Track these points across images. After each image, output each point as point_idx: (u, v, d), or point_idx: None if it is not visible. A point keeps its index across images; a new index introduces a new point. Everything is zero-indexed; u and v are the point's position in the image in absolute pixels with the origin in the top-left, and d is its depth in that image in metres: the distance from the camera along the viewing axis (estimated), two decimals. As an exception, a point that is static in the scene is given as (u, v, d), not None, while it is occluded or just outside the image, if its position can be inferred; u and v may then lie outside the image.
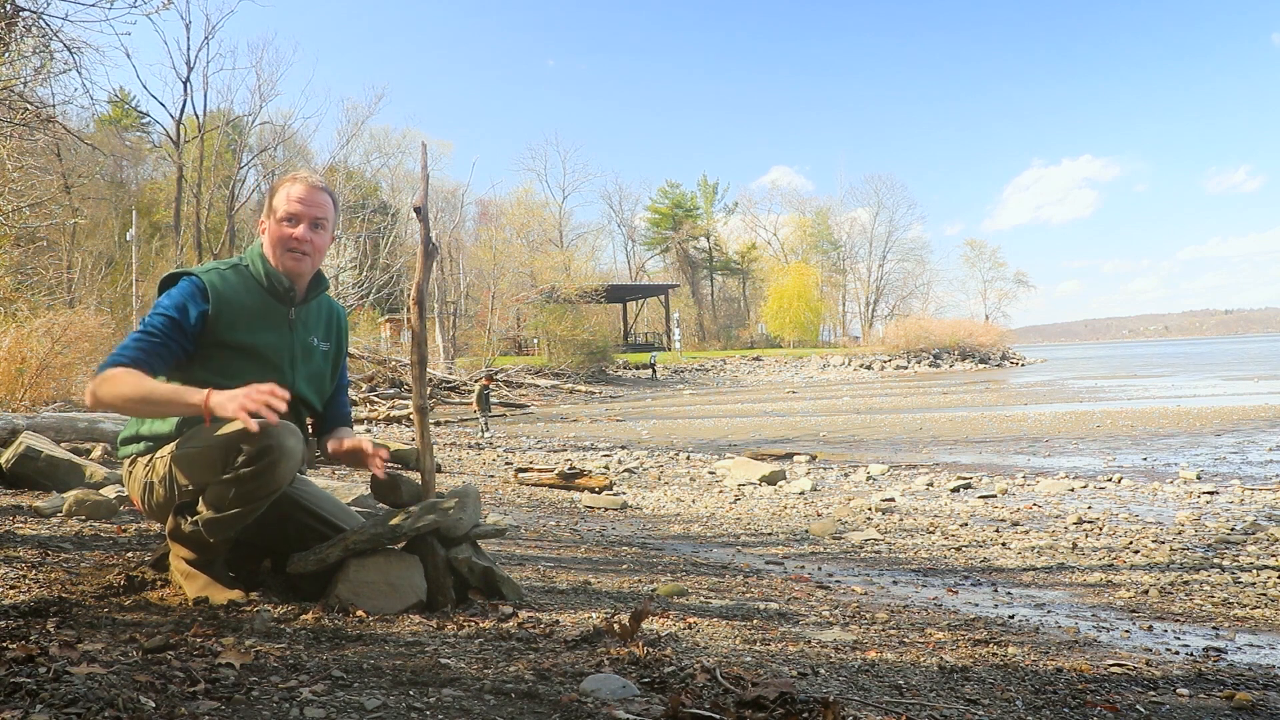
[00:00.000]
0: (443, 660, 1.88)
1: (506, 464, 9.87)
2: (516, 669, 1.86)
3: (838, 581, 3.86)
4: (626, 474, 9.03)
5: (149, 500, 2.34)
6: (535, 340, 44.57)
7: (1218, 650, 2.69)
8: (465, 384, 28.63)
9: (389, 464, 2.52)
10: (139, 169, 48.72)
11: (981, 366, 52.20)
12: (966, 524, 5.61)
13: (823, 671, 2.09)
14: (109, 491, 4.28)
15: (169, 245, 35.20)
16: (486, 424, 15.58)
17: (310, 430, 2.62)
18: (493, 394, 17.93)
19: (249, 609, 2.22)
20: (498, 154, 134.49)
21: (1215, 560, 4.24)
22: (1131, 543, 4.74)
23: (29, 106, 8.67)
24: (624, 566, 3.89)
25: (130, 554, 2.84)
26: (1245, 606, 3.36)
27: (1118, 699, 2.04)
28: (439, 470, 8.83)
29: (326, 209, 2.44)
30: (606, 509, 6.54)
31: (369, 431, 14.46)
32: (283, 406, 2.00)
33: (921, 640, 2.59)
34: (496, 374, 31.44)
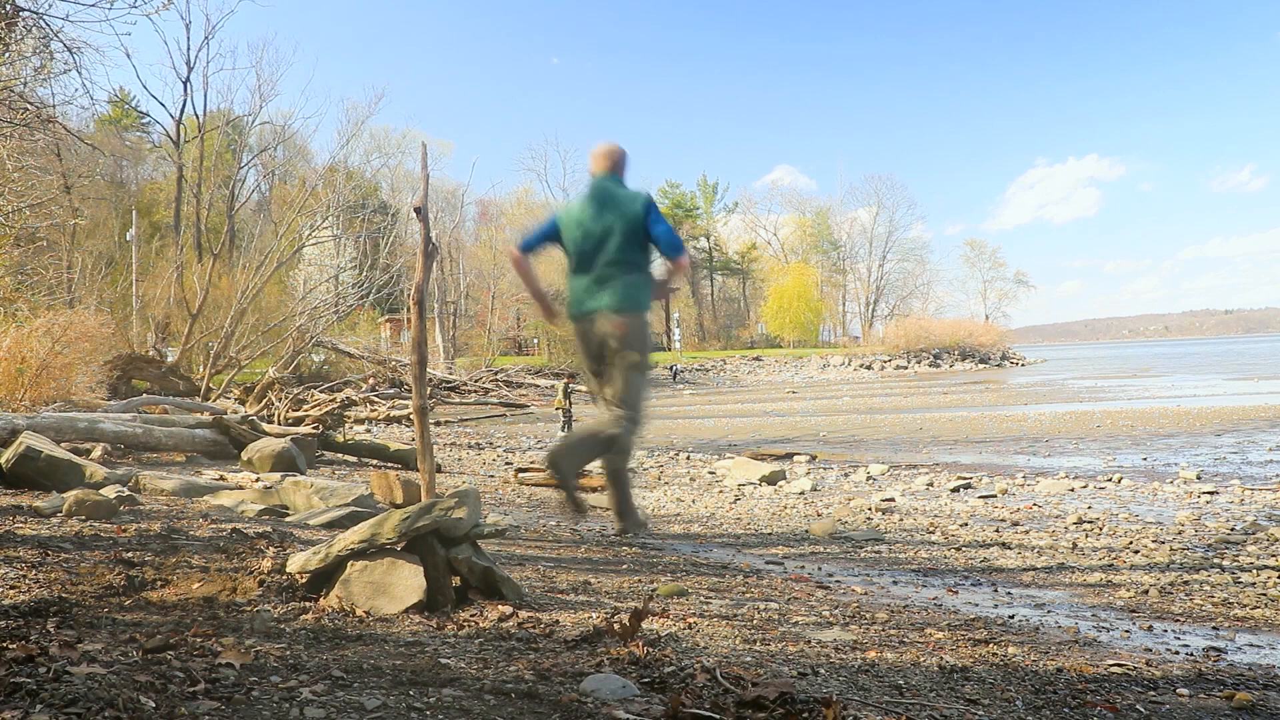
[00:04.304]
0: (443, 660, 1.88)
1: (506, 464, 9.87)
2: (516, 669, 1.86)
3: (838, 581, 3.86)
4: (626, 474, 9.03)
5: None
6: (535, 340, 44.57)
7: (1218, 650, 2.69)
8: (465, 384, 28.63)
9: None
10: (139, 169, 48.73)
11: (981, 366, 52.20)
12: (966, 524, 5.61)
13: (823, 671, 2.09)
14: (109, 491, 4.28)
15: (169, 245, 35.19)
16: (568, 426, 15.37)
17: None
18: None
19: (249, 609, 2.22)
20: (498, 154, 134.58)
21: (1215, 560, 4.24)
22: (1131, 543, 4.74)
23: (29, 106, 8.67)
24: (624, 566, 3.89)
25: (131, 554, 2.84)
26: (1245, 606, 3.36)
27: (1118, 699, 2.04)
28: (439, 470, 8.82)
29: None
30: (607, 509, 6.54)
31: (369, 432, 14.46)
32: None
33: (921, 640, 2.59)
34: (570, 375, 31.45)
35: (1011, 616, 3.18)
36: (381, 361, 26.22)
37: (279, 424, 11.23)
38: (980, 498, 6.67)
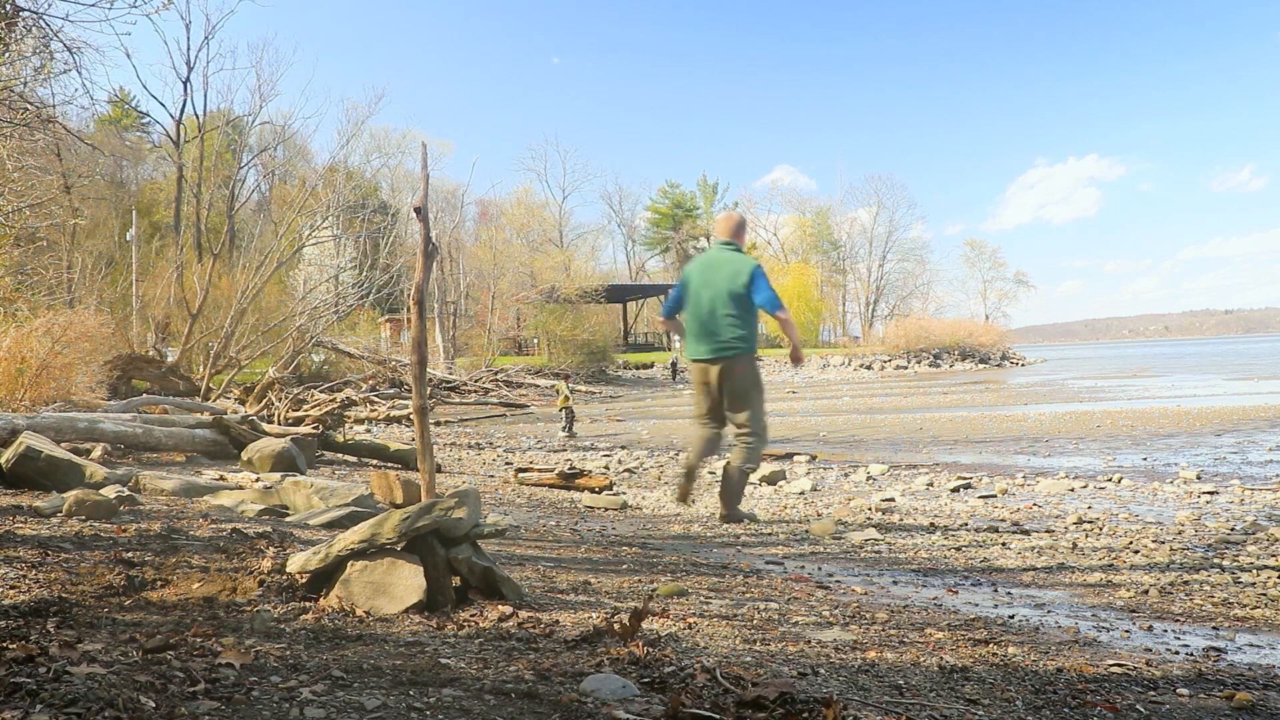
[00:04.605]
0: (443, 660, 1.88)
1: (506, 464, 9.87)
2: (516, 669, 1.86)
3: (838, 581, 3.86)
4: (626, 474, 9.03)
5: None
6: (535, 340, 44.58)
7: (1218, 650, 2.69)
8: (465, 384, 28.63)
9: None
10: (139, 169, 48.75)
11: (981, 366, 52.19)
12: (966, 524, 5.61)
13: (823, 671, 2.09)
14: (109, 491, 4.28)
15: (169, 245, 35.20)
16: (570, 426, 15.20)
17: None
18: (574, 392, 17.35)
19: (249, 609, 2.22)
20: (498, 154, 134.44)
21: (1215, 560, 4.23)
22: (1131, 543, 4.73)
23: (29, 106, 8.67)
24: (624, 566, 3.89)
25: (131, 554, 2.84)
26: (1245, 606, 3.36)
27: (1118, 699, 2.04)
28: (439, 470, 8.82)
29: None
30: (606, 509, 6.54)
31: (369, 432, 14.46)
32: None
33: (921, 640, 2.59)
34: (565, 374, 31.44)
35: (1011, 616, 3.18)
36: (381, 361, 26.21)
37: (279, 424, 11.23)
38: (980, 498, 6.66)
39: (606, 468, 9.36)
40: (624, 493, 7.42)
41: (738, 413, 5.01)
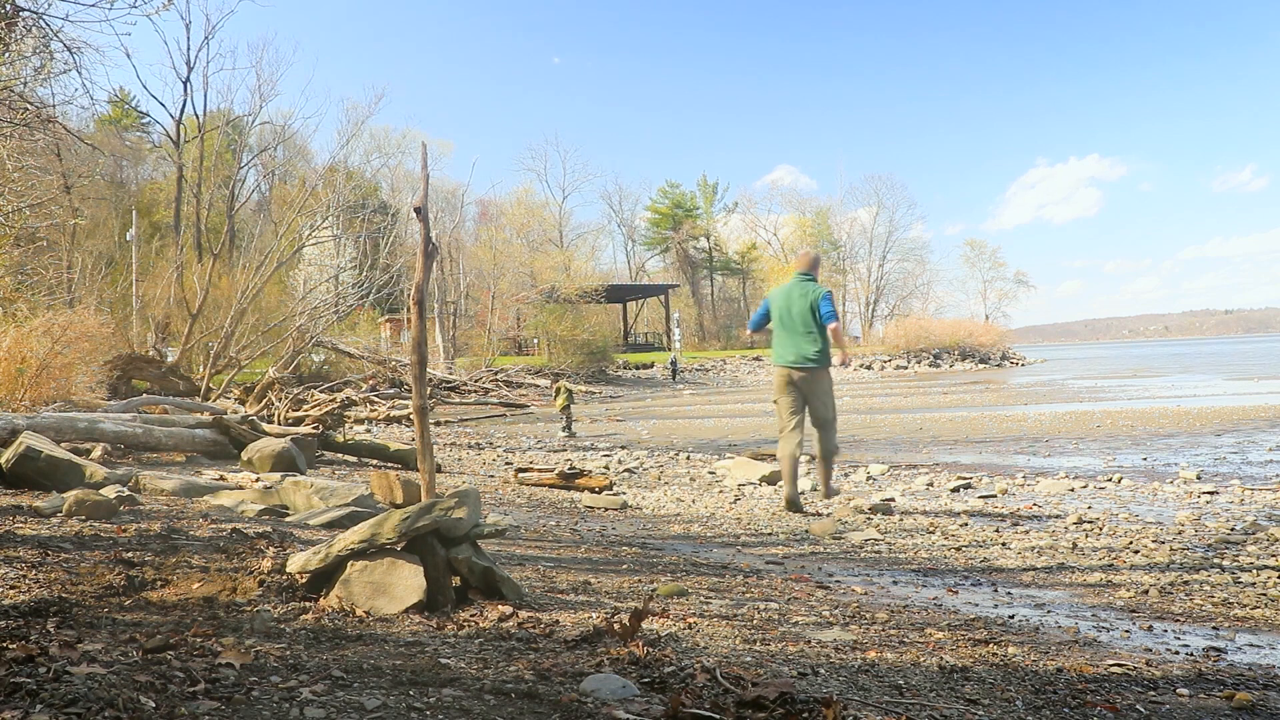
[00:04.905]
0: (443, 660, 1.88)
1: (506, 464, 9.87)
2: (516, 669, 1.86)
3: (838, 581, 3.86)
4: (626, 474, 9.03)
5: None
6: (535, 340, 44.56)
7: (1218, 650, 2.69)
8: (465, 384, 28.62)
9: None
10: (139, 169, 48.75)
11: (981, 366, 52.19)
12: (966, 524, 5.61)
13: (823, 671, 2.09)
14: (109, 491, 4.28)
15: (169, 245, 35.20)
16: (569, 425, 15.10)
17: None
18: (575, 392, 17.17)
19: (249, 609, 2.22)
20: (498, 154, 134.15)
21: (1215, 560, 4.23)
22: (1131, 543, 4.74)
23: (29, 106, 8.66)
24: (624, 566, 3.89)
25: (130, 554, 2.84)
26: (1245, 606, 3.36)
27: (1118, 699, 2.04)
28: (439, 470, 8.83)
29: None
30: (606, 509, 6.54)
31: (369, 432, 14.46)
32: None
33: (921, 640, 2.59)
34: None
35: (1011, 616, 3.18)
36: (381, 361, 26.21)
37: (279, 424, 11.23)
38: (980, 498, 6.66)
39: (606, 468, 9.36)
40: (624, 493, 7.42)
41: (815, 409, 6.16)
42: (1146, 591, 3.65)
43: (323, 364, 25.86)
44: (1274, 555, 4.29)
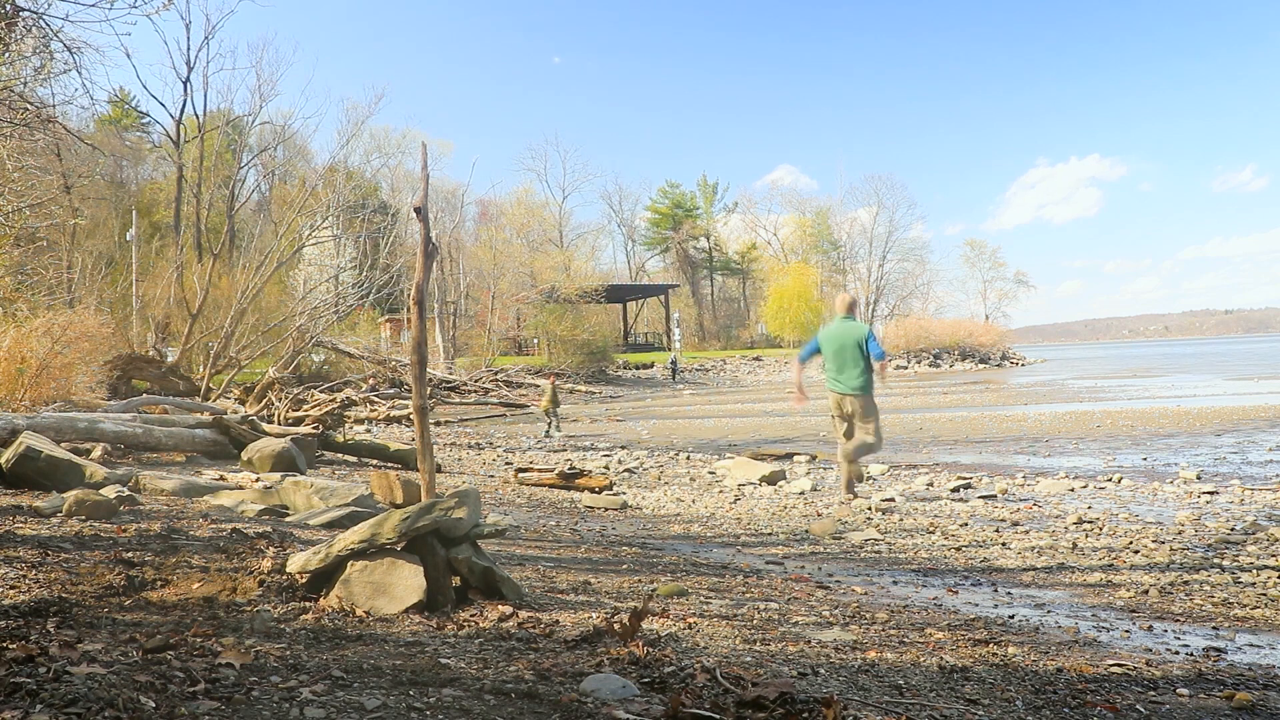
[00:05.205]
0: (443, 660, 1.88)
1: (506, 464, 9.87)
2: (516, 669, 1.86)
3: (838, 581, 3.86)
4: (626, 474, 9.03)
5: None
6: (535, 340, 44.55)
7: (1218, 650, 2.69)
8: (465, 384, 28.63)
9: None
10: (139, 169, 48.74)
11: (981, 366, 52.19)
12: (966, 524, 5.61)
13: (823, 671, 2.09)
14: (109, 491, 4.28)
15: (169, 245, 35.20)
16: (557, 424, 15.11)
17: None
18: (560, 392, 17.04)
19: (249, 609, 2.22)
20: (498, 154, 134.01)
21: (1215, 560, 4.23)
22: (1131, 543, 4.74)
23: (29, 106, 8.66)
24: (624, 566, 3.90)
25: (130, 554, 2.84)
26: (1245, 606, 3.36)
27: (1118, 699, 2.04)
28: (439, 470, 8.82)
29: None
30: (606, 509, 6.54)
31: (369, 432, 14.46)
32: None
33: (921, 640, 2.59)
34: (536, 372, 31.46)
35: (1011, 616, 3.18)
36: (381, 361, 26.21)
37: (279, 424, 11.23)
38: (980, 498, 6.67)
39: (606, 468, 9.36)
40: (624, 493, 7.42)
41: (863, 426, 7.13)
42: (1146, 591, 3.65)
43: (323, 364, 25.86)
44: (1274, 555, 4.29)
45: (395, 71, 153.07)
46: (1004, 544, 4.89)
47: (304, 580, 2.45)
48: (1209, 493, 6.43)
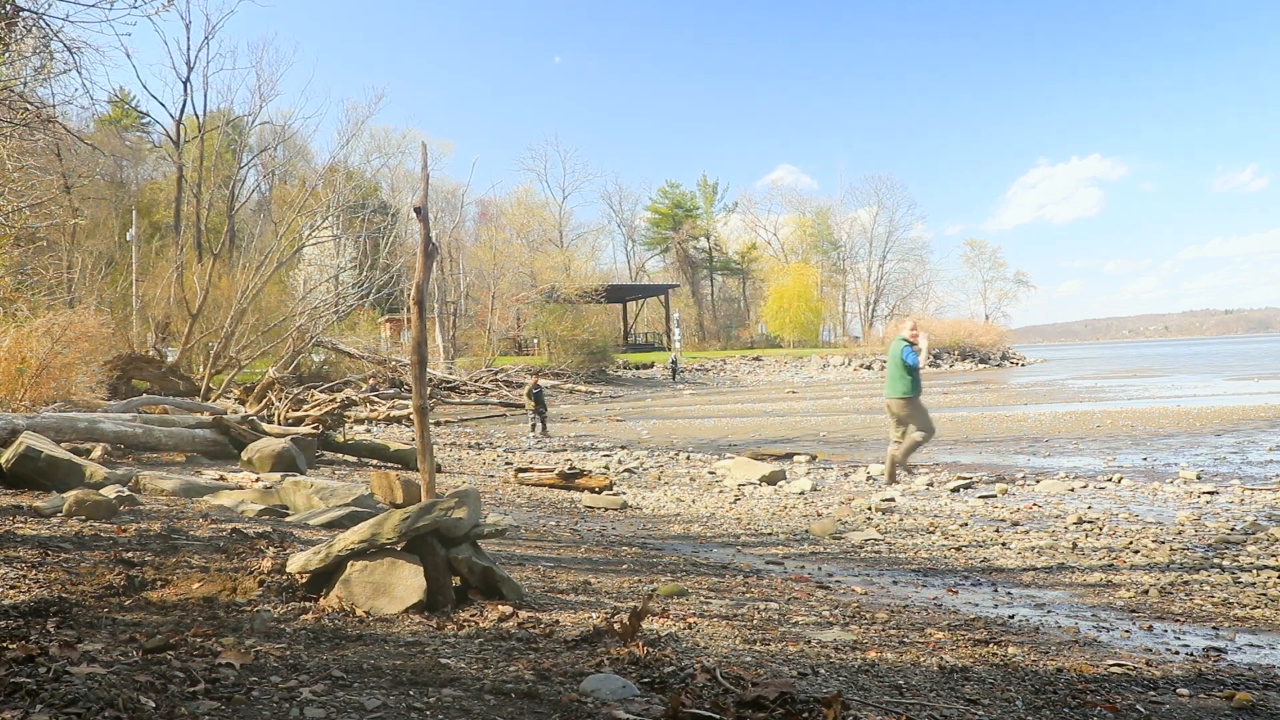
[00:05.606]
0: (443, 660, 1.88)
1: (506, 464, 9.87)
2: (516, 669, 1.86)
3: (838, 581, 3.86)
4: (626, 474, 9.03)
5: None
6: (535, 340, 44.54)
7: (1218, 650, 2.69)
8: (466, 384, 28.63)
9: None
10: (139, 169, 48.73)
11: (981, 366, 52.21)
12: (966, 524, 5.61)
13: (823, 671, 2.09)
14: (109, 491, 4.28)
15: (169, 245, 35.20)
16: (542, 425, 14.93)
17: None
18: (546, 392, 16.79)
19: (249, 609, 2.22)
20: (498, 154, 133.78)
21: (1215, 560, 4.24)
22: (1131, 543, 4.74)
23: (29, 106, 8.66)
24: (624, 566, 3.90)
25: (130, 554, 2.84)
26: (1245, 606, 3.36)
27: (1118, 699, 2.04)
28: (439, 470, 8.83)
29: None
30: (606, 509, 6.55)
31: (369, 432, 14.46)
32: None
33: (921, 640, 2.59)
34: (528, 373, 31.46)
35: (1011, 616, 3.18)
36: (381, 361, 26.20)
37: (279, 424, 11.23)
38: (980, 498, 6.67)
39: (606, 468, 9.36)
40: (624, 493, 7.42)
41: (911, 425, 8.30)
42: (1146, 591, 3.65)
43: (323, 364, 25.86)
44: (1274, 555, 4.29)
45: (395, 71, 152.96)
46: (1004, 544, 4.89)
47: (304, 580, 2.45)
48: (1209, 493, 6.43)
